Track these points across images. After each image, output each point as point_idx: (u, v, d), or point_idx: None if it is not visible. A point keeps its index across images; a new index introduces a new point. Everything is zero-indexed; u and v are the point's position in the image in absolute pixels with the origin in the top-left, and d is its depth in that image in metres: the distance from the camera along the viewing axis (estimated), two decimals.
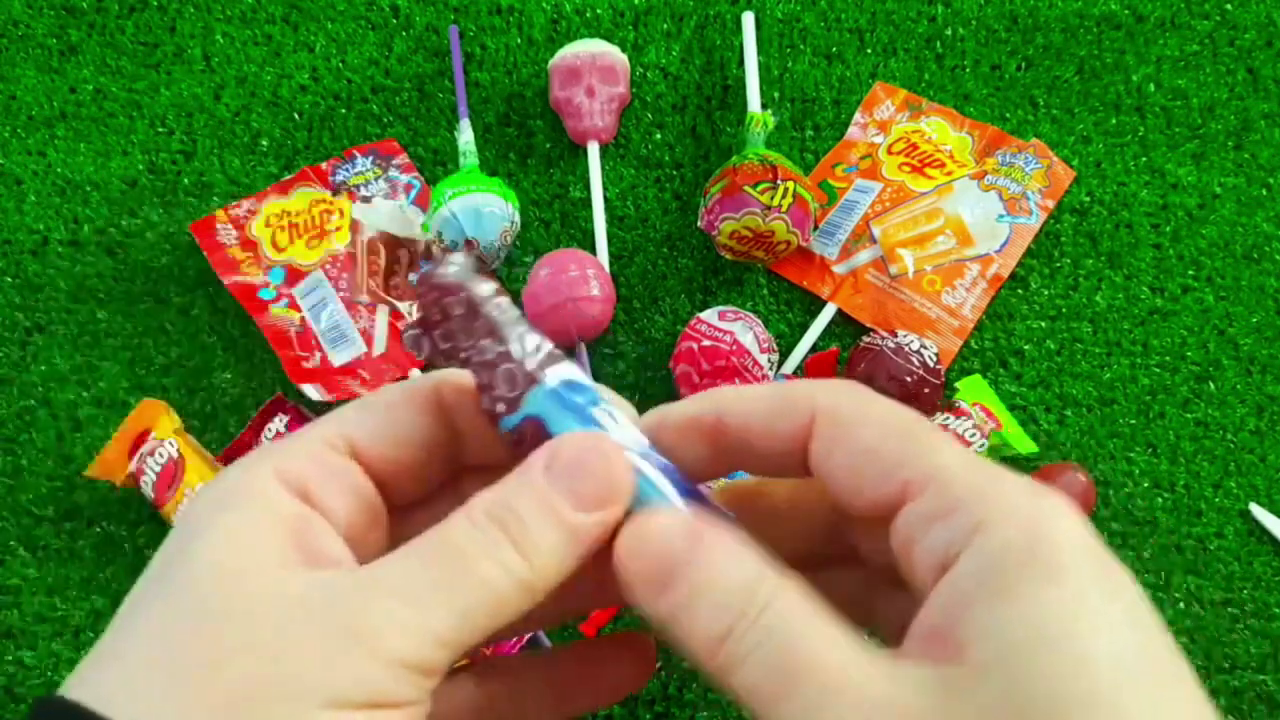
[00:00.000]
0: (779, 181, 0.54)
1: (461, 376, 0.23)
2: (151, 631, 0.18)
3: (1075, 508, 0.18)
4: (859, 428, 0.20)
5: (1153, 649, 0.17)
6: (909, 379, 0.51)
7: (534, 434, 0.21)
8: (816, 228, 0.59)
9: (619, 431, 0.21)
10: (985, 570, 0.17)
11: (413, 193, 0.62)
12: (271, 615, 0.18)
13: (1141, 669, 0.16)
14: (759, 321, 0.54)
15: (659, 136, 0.63)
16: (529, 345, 0.22)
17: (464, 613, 0.19)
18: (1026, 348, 0.58)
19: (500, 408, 0.22)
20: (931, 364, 0.52)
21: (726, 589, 0.19)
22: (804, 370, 0.57)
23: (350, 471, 0.22)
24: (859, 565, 0.23)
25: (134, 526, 0.54)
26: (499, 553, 0.19)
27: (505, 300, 0.23)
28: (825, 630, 0.18)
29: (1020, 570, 0.17)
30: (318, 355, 0.57)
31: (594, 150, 0.61)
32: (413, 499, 0.23)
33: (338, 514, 0.21)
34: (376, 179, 0.62)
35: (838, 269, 0.59)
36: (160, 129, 0.64)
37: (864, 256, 0.59)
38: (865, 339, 0.55)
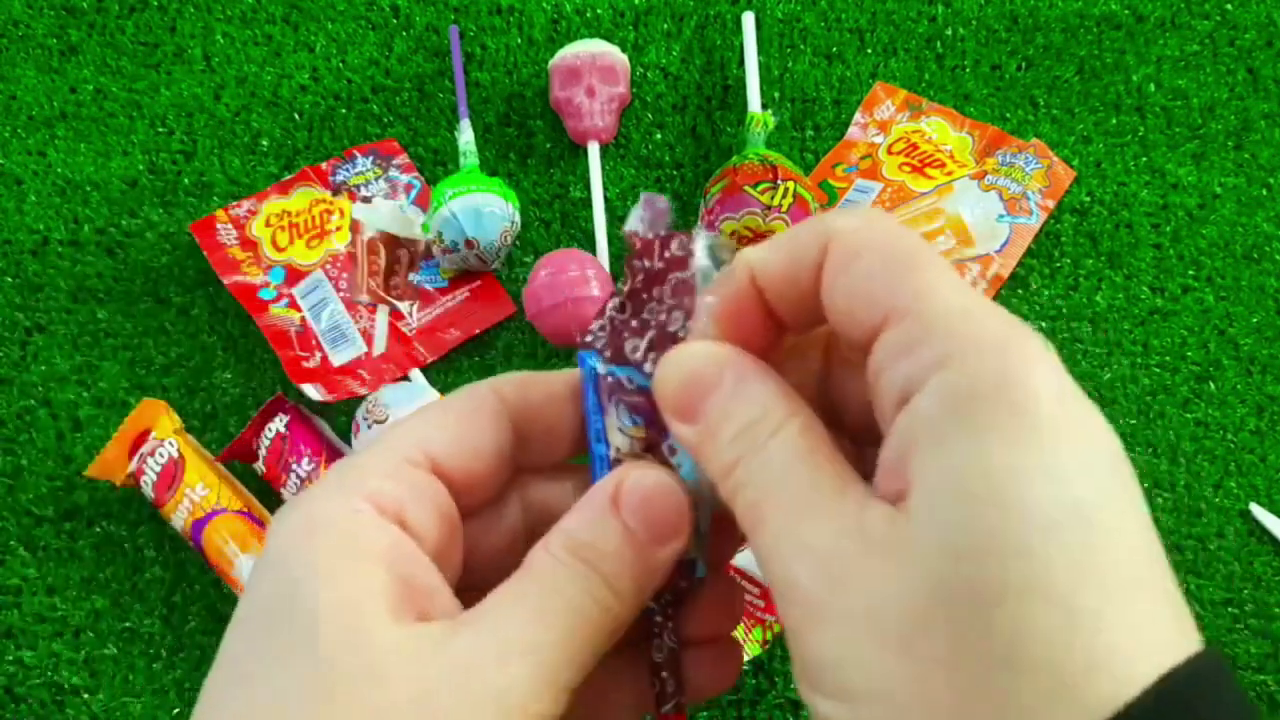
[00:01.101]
0: (779, 181, 0.54)
1: (517, 376, 0.23)
2: (274, 700, 0.17)
3: (1053, 353, 0.17)
4: (862, 253, 0.18)
5: (1108, 504, 0.16)
6: None
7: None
8: None
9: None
10: (938, 409, 0.16)
11: (413, 193, 0.62)
12: (406, 683, 0.18)
13: (1084, 523, 0.15)
14: None
15: (659, 136, 0.63)
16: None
17: (578, 659, 0.19)
18: None
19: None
20: None
21: (741, 419, 0.19)
22: None
23: (434, 488, 0.21)
24: (843, 428, 0.22)
25: (134, 526, 0.54)
26: (597, 593, 0.20)
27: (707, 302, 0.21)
28: (814, 465, 0.18)
29: (973, 413, 0.16)
30: (318, 355, 0.57)
31: (594, 150, 0.61)
32: (481, 506, 0.23)
33: (429, 537, 0.21)
34: (377, 179, 0.62)
35: None
36: (160, 129, 0.64)
37: None
38: None
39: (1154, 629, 0.15)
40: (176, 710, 0.51)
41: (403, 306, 0.59)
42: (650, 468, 0.21)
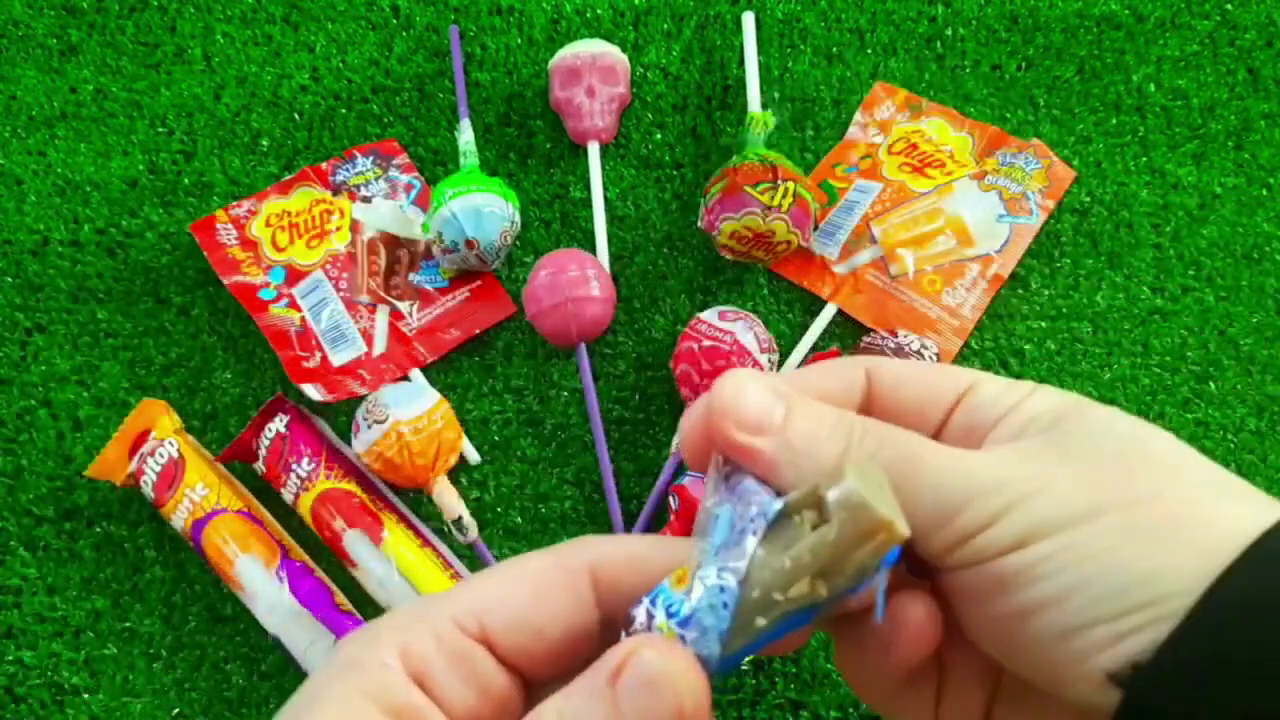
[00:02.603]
0: (779, 181, 0.54)
1: (624, 549, 0.22)
2: None
3: None
4: (909, 367, 0.24)
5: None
6: None
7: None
8: (817, 228, 0.59)
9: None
10: (1045, 406, 0.22)
11: (413, 193, 0.62)
12: None
13: (1194, 455, 0.21)
14: (759, 321, 0.54)
15: (659, 136, 0.63)
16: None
17: None
18: (1027, 348, 0.58)
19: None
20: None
21: (831, 420, 0.22)
22: None
23: (477, 659, 0.21)
24: None
25: (134, 526, 0.54)
26: None
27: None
28: (921, 438, 0.22)
29: (1083, 405, 0.22)
30: (318, 355, 0.57)
31: (594, 150, 0.61)
32: (560, 675, 0.22)
33: (456, 707, 0.20)
34: (376, 179, 0.62)
35: (838, 269, 0.59)
36: (160, 129, 0.64)
37: (864, 256, 0.59)
38: (865, 339, 0.55)
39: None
40: (176, 710, 0.51)
41: (403, 306, 0.59)
42: (664, 646, 0.19)
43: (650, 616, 0.20)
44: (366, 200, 0.61)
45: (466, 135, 0.61)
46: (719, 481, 0.22)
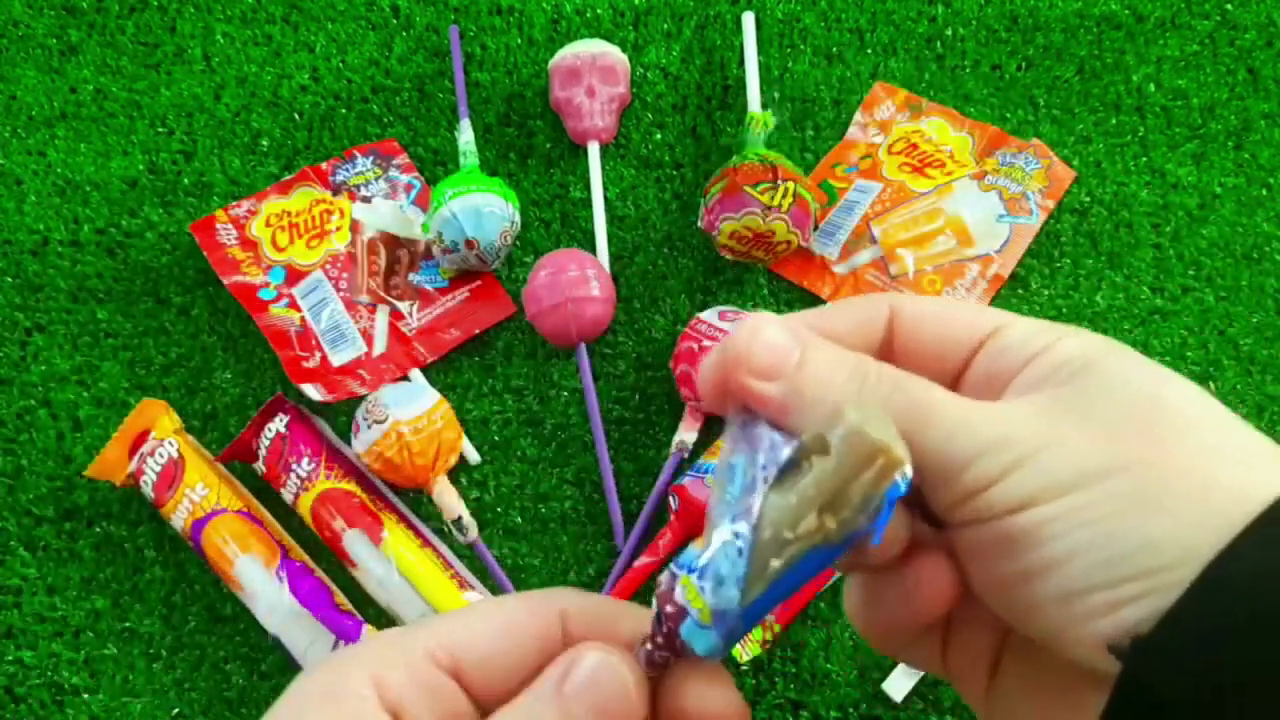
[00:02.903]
0: (779, 181, 0.54)
1: (595, 603, 0.22)
2: None
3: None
4: (934, 304, 0.23)
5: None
6: None
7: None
8: (817, 228, 0.59)
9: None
10: (1074, 352, 0.21)
11: (413, 193, 0.62)
12: None
13: (1216, 409, 0.20)
14: None
15: (659, 136, 0.63)
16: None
17: None
18: None
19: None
20: None
21: (847, 365, 0.22)
22: None
23: (449, 693, 0.21)
24: None
25: (134, 526, 0.54)
26: None
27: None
28: (935, 386, 0.21)
29: (1108, 354, 0.21)
30: (318, 355, 0.57)
31: (594, 150, 0.61)
32: None
33: None
34: (376, 179, 0.62)
35: (838, 269, 0.59)
36: (160, 129, 0.64)
37: (864, 256, 0.59)
38: None
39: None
40: (176, 710, 0.51)
41: (403, 306, 0.59)
42: (604, 647, 0.20)
43: (673, 576, 0.20)
44: (366, 200, 0.61)
45: (466, 135, 0.61)
46: (736, 431, 0.22)
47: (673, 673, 0.21)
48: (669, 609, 0.20)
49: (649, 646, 0.21)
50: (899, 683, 0.49)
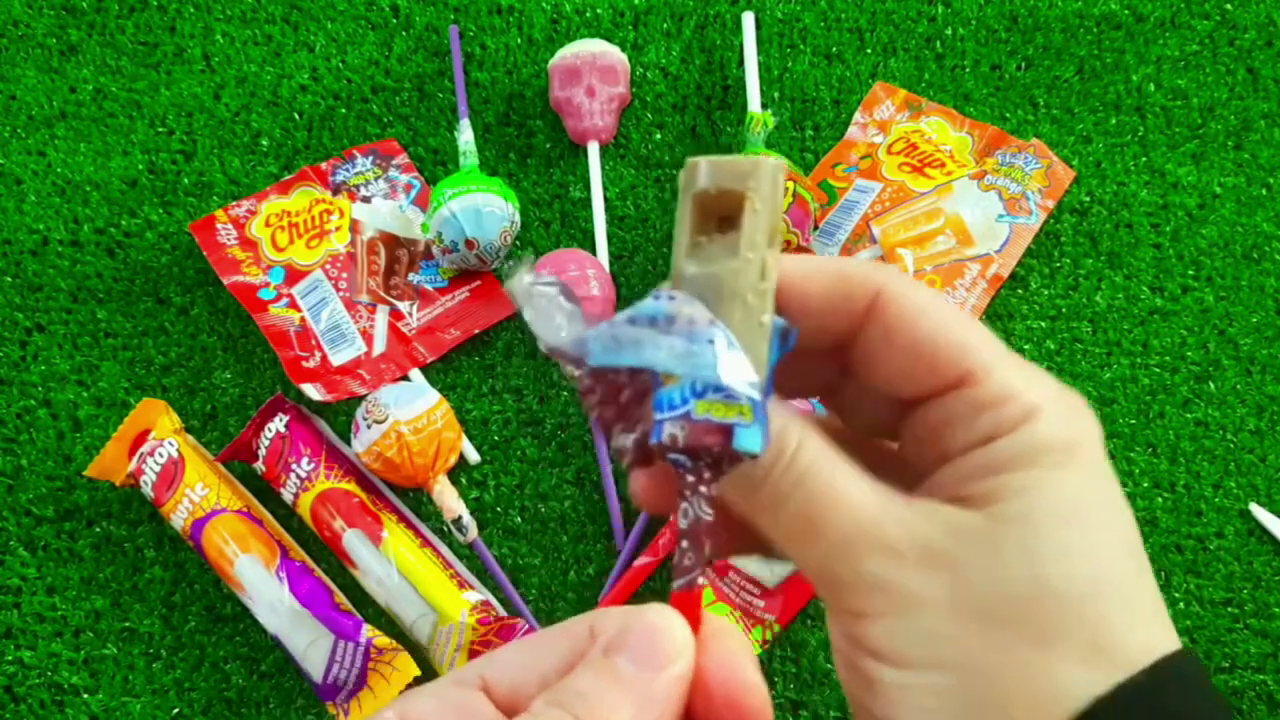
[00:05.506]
0: None
1: (616, 609, 0.22)
2: None
3: (1091, 411, 0.21)
4: (921, 316, 0.21)
5: (1137, 545, 0.20)
6: None
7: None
8: (816, 228, 0.59)
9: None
10: (1027, 449, 0.20)
11: (413, 193, 0.62)
12: None
13: (1130, 565, 0.20)
14: None
15: (659, 136, 0.63)
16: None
17: None
18: (1026, 348, 0.58)
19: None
20: None
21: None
22: None
23: (478, 705, 0.20)
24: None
25: (134, 526, 0.54)
26: None
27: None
28: (848, 474, 0.20)
29: (1055, 456, 0.19)
30: (318, 355, 0.57)
31: (594, 150, 0.61)
32: None
33: None
34: (376, 179, 0.62)
35: None
36: (160, 129, 0.64)
37: (864, 256, 0.59)
38: None
39: (1165, 636, 0.20)
40: (176, 710, 0.51)
41: (402, 306, 0.59)
42: (661, 609, 0.20)
43: (680, 424, 0.20)
44: (366, 200, 0.61)
45: (466, 135, 0.61)
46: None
47: (718, 639, 0.21)
48: (709, 440, 0.20)
49: (687, 518, 0.20)
50: None
